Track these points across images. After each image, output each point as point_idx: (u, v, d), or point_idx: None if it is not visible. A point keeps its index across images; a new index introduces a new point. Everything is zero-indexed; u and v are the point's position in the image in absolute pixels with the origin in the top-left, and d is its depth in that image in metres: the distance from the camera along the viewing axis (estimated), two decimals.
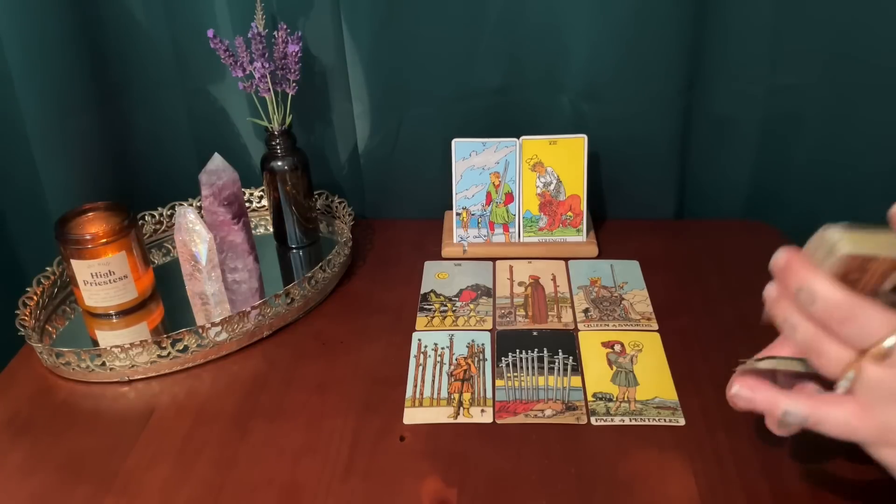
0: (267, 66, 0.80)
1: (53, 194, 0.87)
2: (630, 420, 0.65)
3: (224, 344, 0.74)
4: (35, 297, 0.79)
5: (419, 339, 0.76)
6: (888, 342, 0.37)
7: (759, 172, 0.91)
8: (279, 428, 0.66)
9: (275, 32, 0.81)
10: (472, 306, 0.80)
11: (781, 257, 0.42)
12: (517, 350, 0.73)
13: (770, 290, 0.43)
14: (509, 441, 0.63)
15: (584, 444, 0.63)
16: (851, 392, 0.39)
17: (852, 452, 0.60)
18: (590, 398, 0.67)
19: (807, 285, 0.40)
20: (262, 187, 0.93)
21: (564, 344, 0.74)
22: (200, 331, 0.72)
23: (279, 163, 0.86)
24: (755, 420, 0.64)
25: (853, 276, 0.41)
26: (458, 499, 0.58)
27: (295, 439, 0.64)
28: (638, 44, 0.82)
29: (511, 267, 0.86)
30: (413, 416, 0.66)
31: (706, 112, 0.87)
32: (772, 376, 0.51)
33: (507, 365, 0.72)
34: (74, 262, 0.76)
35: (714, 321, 0.76)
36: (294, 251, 0.91)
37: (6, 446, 0.66)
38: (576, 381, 0.69)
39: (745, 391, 0.46)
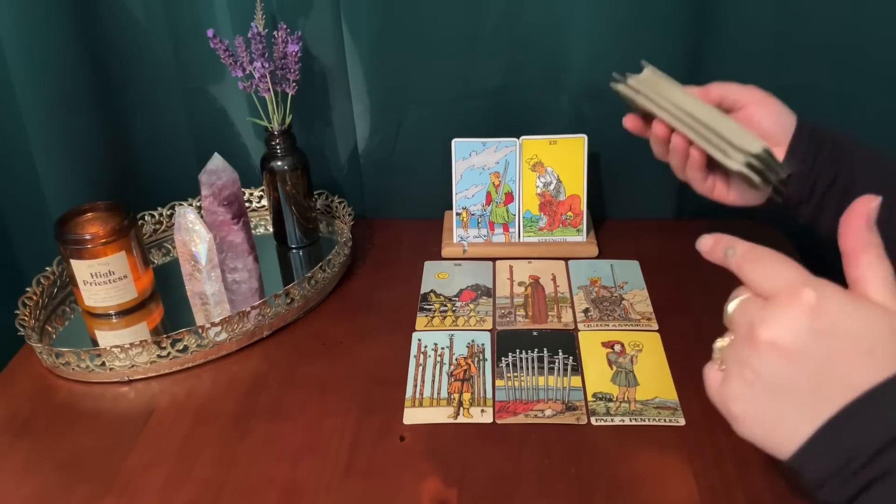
0: (267, 65, 0.80)
1: (53, 194, 0.87)
2: (630, 420, 0.65)
3: (224, 344, 0.74)
4: (35, 297, 0.79)
5: (419, 339, 0.76)
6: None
7: None
8: (279, 428, 0.66)
9: (275, 32, 0.81)
10: (472, 306, 0.80)
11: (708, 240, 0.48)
12: (517, 350, 0.73)
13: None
14: (509, 441, 0.63)
15: (584, 444, 0.63)
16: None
17: None
18: (590, 398, 0.67)
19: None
20: (262, 187, 0.93)
21: (564, 344, 0.74)
22: (200, 331, 0.72)
23: (279, 163, 0.86)
24: None
25: None
26: (458, 499, 0.58)
27: (295, 439, 0.64)
28: (638, 44, 0.82)
29: (511, 267, 0.86)
30: (413, 416, 0.66)
31: None
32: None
33: (507, 365, 0.72)
34: (74, 262, 0.76)
35: (714, 321, 0.76)
36: (294, 251, 0.91)
37: (6, 446, 0.66)
38: (576, 381, 0.69)
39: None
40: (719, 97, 0.64)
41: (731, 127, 0.59)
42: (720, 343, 0.46)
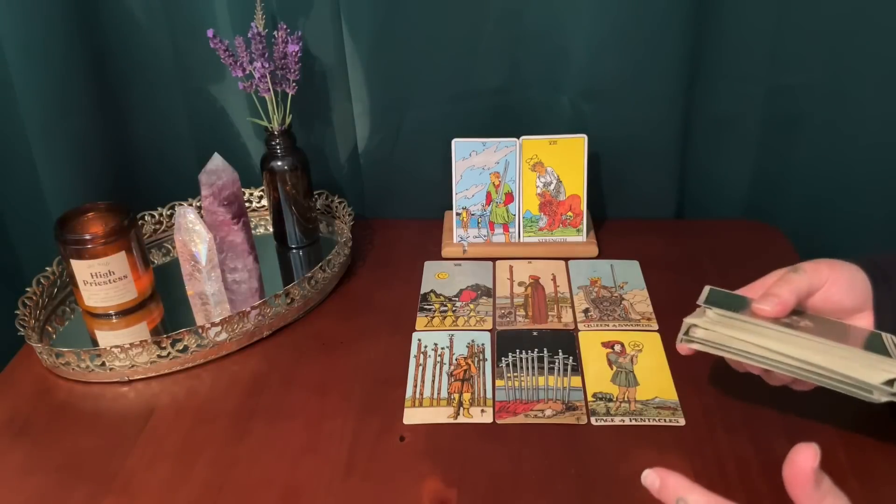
0: (267, 65, 0.80)
1: (53, 194, 0.87)
2: (630, 420, 0.65)
3: (224, 344, 0.74)
4: (35, 297, 0.79)
5: (419, 339, 0.76)
6: None
7: (759, 172, 0.91)
8: (279, 428, 0.66)
9: (275, 32, 0.81)
10: (472, 306, 0.80)
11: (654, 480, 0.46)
12: (517, 350, 0.73)
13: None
14: (509, 441, 0.63)
15: (584, 444, 0.63)
16: None
17: (853, 454, 0.60)
18: (590, 398, 0.67)
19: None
20: (262, 187, 0.93)
21: (564, 344, 0.74)
22: (200, 331, 0.72)
23: (279, 163, 0.86)
24: (755, 421, 0.64)
25: None
26: (458, 499, 0.58)
27: (295, 439, 0.64)
28: (638, 44, 0.82)
29: (511, 267, 0.86)
30: (413, 416, 0.66)
31: (706, 112, 0.87)
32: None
33: (507, 365, 0.72)
34: (74, 262, 0.76)
35: None
36: (294, 251, 0.91)
37: (6, 446, 0.66)
38: (576, 381, 0.69)
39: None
40: (796, 299, 0.56)
41: (854, 365, 0.52)
42: None
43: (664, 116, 0.87)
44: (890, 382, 0.51)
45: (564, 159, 0.86)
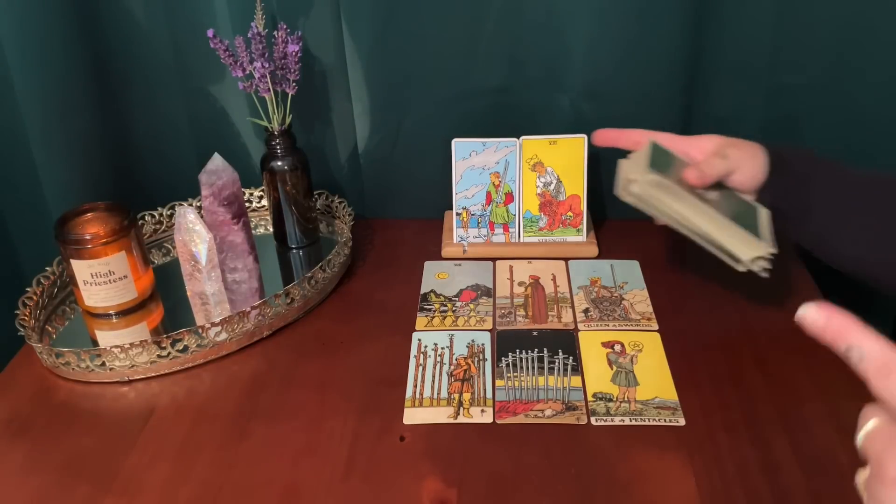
0: (267, 65, 0.80)
1: (53, 194, 0.87)
2: (630, 420, 0.65)
3: (224, 344, 0.74)
4: (35, 297, 0.79)
5: (419, 339, 0.76)
6: None
7: None
8: (279, 428, 0.66)
9: (275, 32, 0.81)
10: (472, 306, 0.80)
11: (817, 316, 0.37)
12: (517, 350, 0.73)
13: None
14: (509, 441, 0.63)
15: (584, 445, 0.63)
16: None
17: (853, 454, 0.60)
18: (590, 398, 0.67)
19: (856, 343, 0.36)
20: (262, 187, 0.93)
21: (564, 344, 0.74)
22: (200, 331, 0.72)
23: (279, 163, 0.86)
24: (755, 421, 0.64)
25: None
26: (458, 499, 0.58)
27: (295, 439, 0.64)
28: (638, 44, 0.82)
29: (511, 267, 0.86)
30: (413, 416, 0.66)
31: (706, 112, 0.87)
32: None
33: (507, 365, 0.72)
34: (74, 262, 0.76)
35: (714, 321, 0.76)
36: (294, 251, 0.91)
37: (6, 446, 0.66)
38: (576, 381, 0.69)
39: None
40: (717, 179, 0.69)
41: (728, 240, 0.66)
42: (860, 477, 0.39)
43: (664, 116, 0.87)
44: (754, 259, 0.65)
45: (564, 159, 0.86)
